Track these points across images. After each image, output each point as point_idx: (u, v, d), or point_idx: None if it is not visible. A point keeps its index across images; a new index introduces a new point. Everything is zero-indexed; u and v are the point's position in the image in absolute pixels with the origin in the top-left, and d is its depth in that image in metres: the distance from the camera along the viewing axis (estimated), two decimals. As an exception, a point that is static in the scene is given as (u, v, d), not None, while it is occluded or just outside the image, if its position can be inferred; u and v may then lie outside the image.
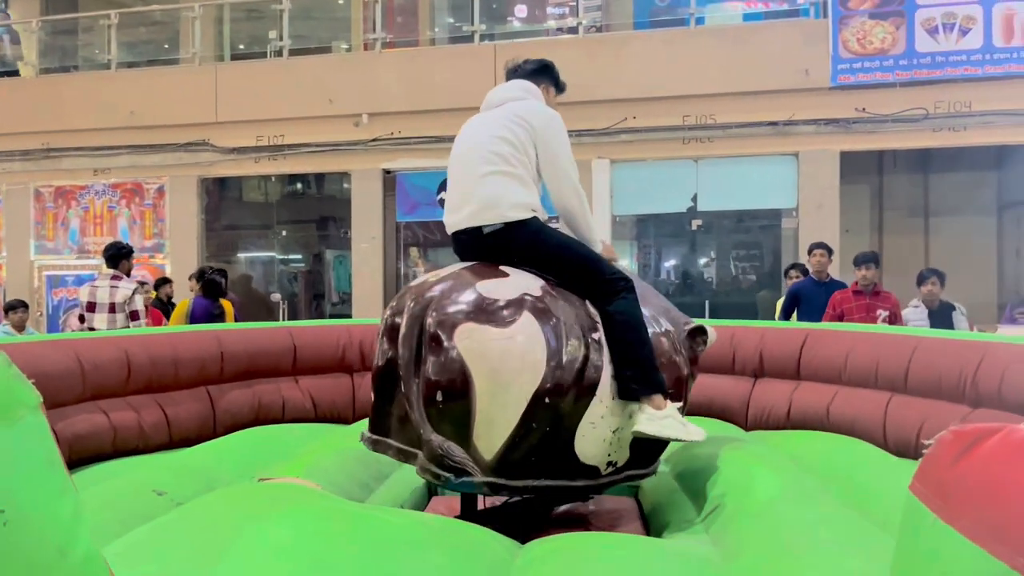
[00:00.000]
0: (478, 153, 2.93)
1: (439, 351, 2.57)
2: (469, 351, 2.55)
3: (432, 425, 2.57)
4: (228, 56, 11.65)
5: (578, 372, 2.64)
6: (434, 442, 2.55)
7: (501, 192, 2.84)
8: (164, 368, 3.90)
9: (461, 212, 2.93)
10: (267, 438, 3.91)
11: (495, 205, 2.84)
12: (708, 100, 9.01)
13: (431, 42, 11.29)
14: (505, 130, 2.91)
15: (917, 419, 3.71)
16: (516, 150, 2.88)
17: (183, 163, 10.75)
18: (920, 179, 10.76)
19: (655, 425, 2.69)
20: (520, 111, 2.95)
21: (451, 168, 3.05)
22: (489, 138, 2.92)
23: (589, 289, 2.85)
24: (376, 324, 5.00)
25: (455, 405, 2.55)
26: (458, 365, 2.54)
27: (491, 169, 2.88)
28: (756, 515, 2.54)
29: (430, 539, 2.04)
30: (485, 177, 2.88)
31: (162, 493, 2.74)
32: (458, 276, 2.76)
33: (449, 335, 2.57)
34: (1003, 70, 8.40)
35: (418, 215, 10.47)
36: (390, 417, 2.77)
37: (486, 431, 2.57)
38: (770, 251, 10.16)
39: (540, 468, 2.65)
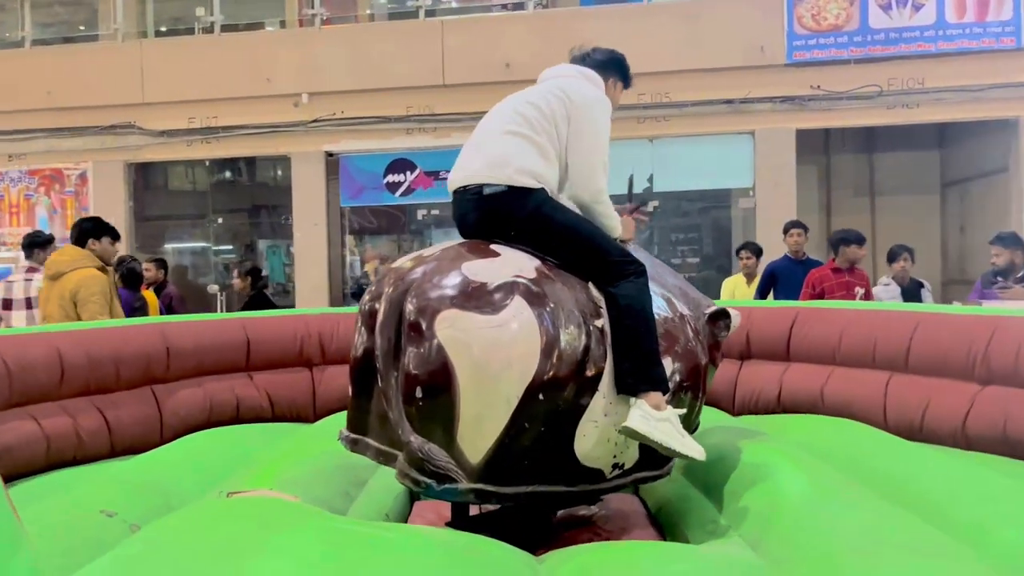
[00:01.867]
0: (501, 114, 2.64)
1: (419, 341, 2.26)
2: (452, 341, 2.24)
3: (412, 424, 2.27)
4: (152, 32, 10.94)
5: (578, 364, 2.35)
6: (414, 444, 2.25)
7: (513, 153, 2.54)
8: (103, 367, 3.46)
9: (466, 169, 2.62)
10: (223, 442, 3.52)
11: (503, 165, 2.53)
12: (663, 78, 8.80)
13: (370, 18, 10.82)
14: (538, 97, 2.62)
15: (921, 399, 3.55)
16: (544, 118, 2.58)
17: (107, 147, 10.05)
18: (866, 159, 10.82)
19: (647, 425, 2.38)
20: (564, 84, 2.65)
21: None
22: (519, 102, 2.62)
23: (593, 270, 2.56)
24: (335, 313, 4.68)
25: (437, 402, 2.24)
26: (440, 357, 2.23)
27: (510, 128, 2.58)
28: (794, 516, 2.29)
29: (451, 562, 1.73)
30: (502, 136, 2.58)
31: (112, 514, 2.35)
32: (442, 256, 2.44)
33: (430, 322, 2.25)
34: (956, 46, 8.42)
35: (364, 199, 10.02)
36: (369, 414, 2.46)
37: (472, 431, 2.26)
38: (725, 231, 10.07)
39: (534, 472, 2.36)
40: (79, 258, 4.54)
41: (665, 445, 2.41)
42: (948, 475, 2.64)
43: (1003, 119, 8.76)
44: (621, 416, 2.44)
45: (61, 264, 4.53)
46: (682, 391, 2.66)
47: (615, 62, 2.91)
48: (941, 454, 3.01)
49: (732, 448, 3.00)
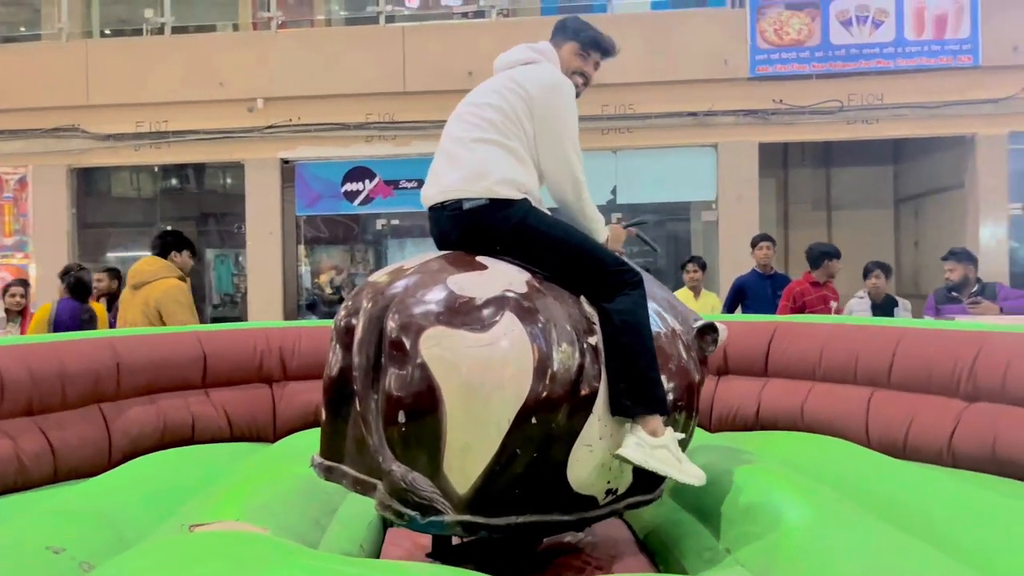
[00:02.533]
0: (466, 119, 2.46)
1: (401, 361, 2.09)
2: (438, 361, 2.07)
3: (393, 451, 2.08)
4: (97, 33, 10.54)
5: (572, 385, 2.20)
6: (396, 473, 2.06)
7: (491, 163, 2.38)
8: (47, 385, 3.20)
9: (441, 183, 2.45)
10: (178, 465, 3.27)
11: (482, 177, 2.36)
12: (627, 89, 8.76)
13: (327, 23, 10.59)
14: (497, 96, 2.45)
15: (905, 415, 3.48)
16: (508, 119, 2.41)
17: (50, 151, 9.62)
18: (823, 173, 10.95)
19: (642, 453, 2.25)
20: (518, 76, 2.49)
21: (442, 137, 2.57)
22: (480, 104, 2.46)
23: (587, 283, 2.41)
24: (297, 327, 4.45)
25: (421, 427, 2.07)
26: (425, 378, 2.06)
27: (481, 136, 2.41)
28: (801, 542, 2.17)
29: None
30: (475, 143, 2.41)
31: (59, 550, 2.11)
32: (426, 269, 2.27)
33: (414, 341, 2.08)
34: (914, 63, 8.55)
35: (321, 208, 9.76)
36: (344, 439, 2.26)
37: (459, 459, 2.09)
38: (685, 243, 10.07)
39: (526, 501, 2.20)
40: (161, 269, 4.71)
41: (662, 474, 2.28)
42: (948, 497, 2.55)
43: (959, 136, 8.92)
44: (616, 439, 2.29)
45: (145, 274, 4.69)
46: (676, 411, 2.53)
47: (562, 25, 2.73)
48: (936, 473, 2.94)
49: (722, 469, 2.87)
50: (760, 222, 8.78)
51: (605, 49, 2.74)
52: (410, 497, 2.06)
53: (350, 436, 2.24)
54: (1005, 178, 8.75)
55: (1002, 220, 8.76)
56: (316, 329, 4.37)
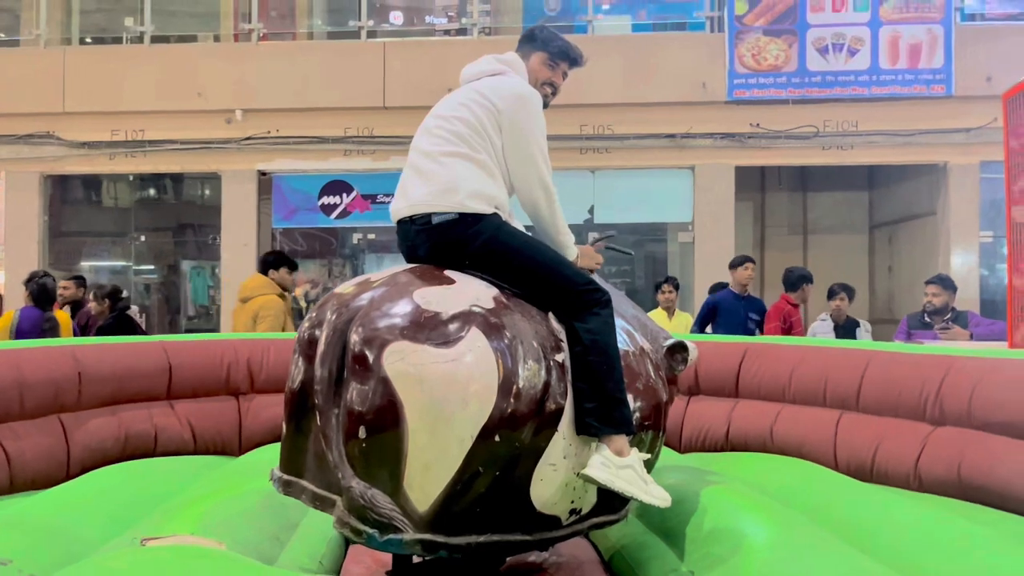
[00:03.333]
0: (435, 132, 2.45)
1: (364, 375, 2.06)
2: (401, 376, 2.04)
3: (353, 468, 2.05)
4: (76, 39, 10.45)
5: (537, 402, 2.17)
6: (355, 490, 2.03)
7: (462, 177, 2.36)
8: (5, 393, 3.13)
9: (409, 196, 2.44)
10: (137, 478, 3.20)
11: (452, 191, 2.35)
12: (606, 110, 8.82)
13: (308, 36, 10.58)
14: (464, 109, 2.45)
15: (872, 438, 3.49)
16: (476, 133, 2.41)
17: (23, 157, 9.49)
18: (799, 197, 11.06)
19: (608, 473, 2.23)
20: (485, 88, 2.48)
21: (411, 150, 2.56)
22: (447, 117, 2.45)
23: (556, 300, 2.39)
24: (265, 339, 4.40)
25: (382, 443, 2.03)
26: (387, 393, 2.03)
27: (451, 149, 2.40)
28: (762, 564, 2.16)
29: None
30: (444, 157, 2.39)
31: (6, 562, 2.05)
32: (392, 282, 2.24)
33: (377, 355, 2.05)
34: (888, 91, 8.67)
35: (296, 221, 9.69)
36: (305, 453, 2.22)
37: (421, 476, 2.05)
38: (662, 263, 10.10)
39: (487, 520, 2.16)
40: (262, 285, 5.45)
41: (627, 494, 2.26)
42: (912, 521, 2.55)
43: (932, 164, 9.05)
44: (582, 458, 2.27)
45: (249, 289, 5.49)
46: (643, 430, 2.51)
47: (529, 35, 2.72)
48: (900, 497, 2.93)
49: (689, 491, 2.86)
50: (736, 244, 8.84)
51: (574, 59, 2.75)
52: (369, 514, 2.03)
53: (311, 451, 2.20)
54: (976, 206, 8.88)
55: (973, 247, 8.87)
56: (285, 342, 4.32)
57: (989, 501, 2.93)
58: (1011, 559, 2.14)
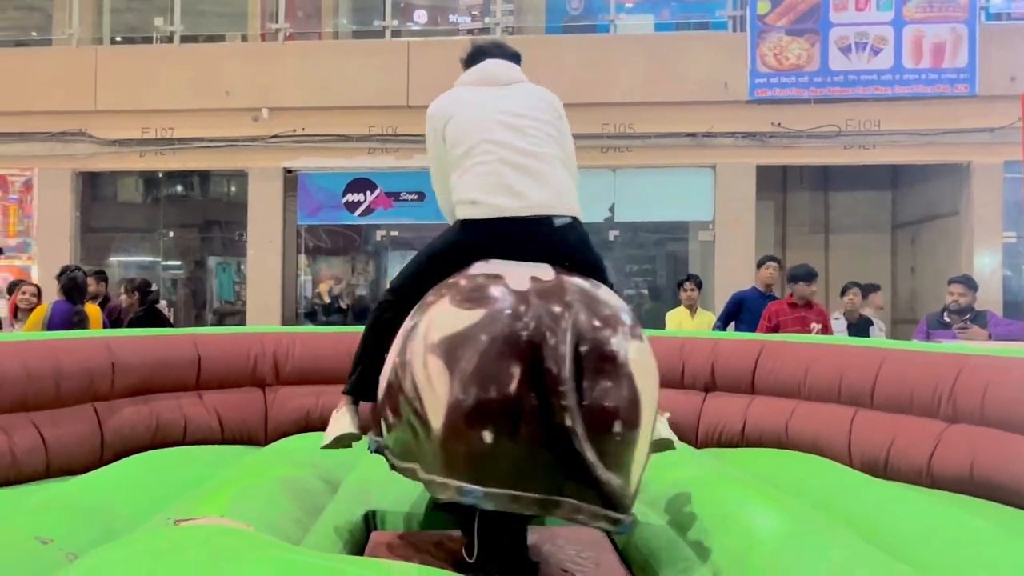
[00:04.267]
0: (528, 132, 2.45)
1: (613, 373, 2.10)
2: (640, 372, 2.14)
3: (605, 462, 2.04)
4: (107, 39, 10.66)
5: None
6: (612, 483, 2.03)
7: (567, 182, 2.46)
8: (42, 382, 3.25)
9: (526, 196, 2.39)
10: (169, 464, 3.32)
11: (565, 195, 2.43)
12: (627, 109, 8.86)
13: (334, 35, 10.71)
14: (546, 108, 2.54)
15: (886, 436, 3.52)
16: (558, 136, 2.51)
17: (55, 154, 9.71)
18: (821, 196, 11.02)
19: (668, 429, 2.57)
20: (544, 95, 2.58)
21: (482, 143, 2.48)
22: (537, 116, 2.50)
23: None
24: (291, 332, 4.51)
25: (630, 436, 2.10)
26: (632, 388, 2.11)
27: (554, 151, 2.46)
28: (771, 555, 2.22)
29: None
30: (553, 160, 2.44)
31: (47, 541, 2.16)
32: (570, 283, 2.27)
33: (623, 354, 2.13)
34: (911, 90, 8.64)
35: (322, 218, 9.84)
36: (514, 461, 2.11)
37: (640, 460, 2.15)
38: (683, 263, 10.12)
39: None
40: None
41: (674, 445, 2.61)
42: (922, 515, 2.60)
43: (955, 163, 9.00)
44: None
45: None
46: None
47: (520, 59, 2.82)
48: (912, 493, 2.97)
49: (702, 483, 2.93)
50: (757, 243, 8.85)
51: None
52: (621, 502, 2.05)
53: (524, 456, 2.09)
54: (1000, 206, 8.82)
55: (996, 248, 8.81)
56: (310, 335, 4.43)
57: (1001, 498, 2.97)
58: (1020, 555, 2.18)
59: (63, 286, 5.63)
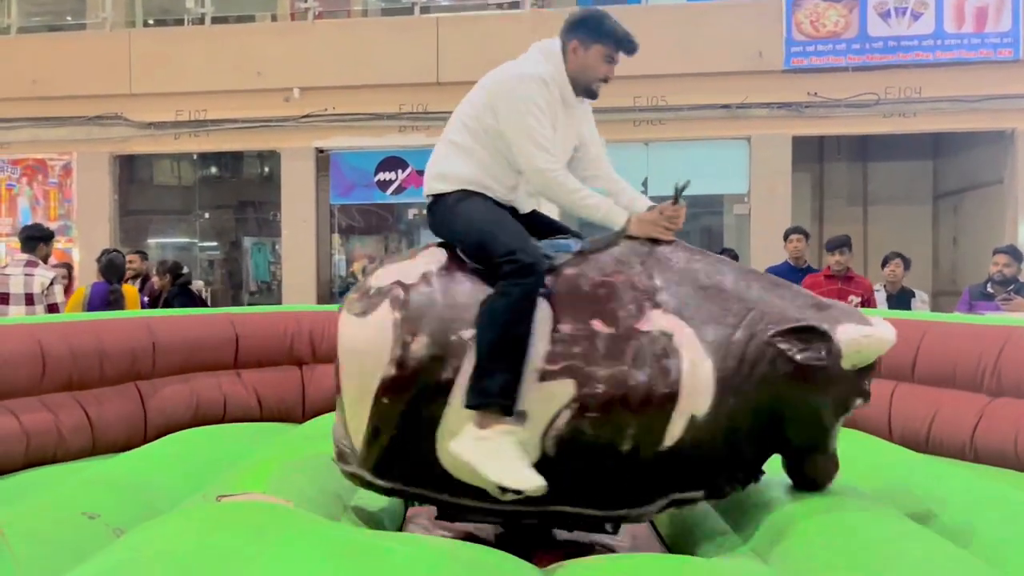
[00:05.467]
0: (453, 117, 2.66)
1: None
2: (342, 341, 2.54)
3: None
4: (140, 22, 10.75)
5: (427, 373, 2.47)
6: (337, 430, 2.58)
7: (434, 161, 2.62)
8: (86, 361, 3.33)
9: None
10: (209, 442, 3.39)
11: (430, 177, 2.63)
12: (659, 81, 8.73)
13: (363, 13, 10.68)
14: (473, 93, 2.60)
15: (927, 410, 3.48)
16: (470, 119, 2.55)
17: (93, 138, 9.84)
18: (859, 167, 10.80)
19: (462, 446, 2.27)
20: (493, 73, 2.58)
21: None
22: (463, 103, 2.63)
23: (491, 272, 2.37)
24: (327, 311, 4.54)
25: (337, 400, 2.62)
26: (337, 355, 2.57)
27: (446, 136, 2.62)
28: (808, 529, 2.20)
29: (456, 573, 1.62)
30: (442, 145, 2.64)
31: (94, 516, 2.22)
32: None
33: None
34: (953, 56, 8.40)
35: (354, 198, 9.88)
36: None
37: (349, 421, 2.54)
38: (718, 236, 10.00)
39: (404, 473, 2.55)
40: None
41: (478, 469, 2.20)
42: (965, 490, 2.56)
43: (999, 130, 8.75)
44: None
45: None
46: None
47: (578, 22, 2.56)
48: (954, 468, 2.93)
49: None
50: (793, 216, 8.70)
51: (631, 49, 2.64)
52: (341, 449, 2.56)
53: None
54: (1045, 174, 8.58)
55: (1043, 217, 8.59)
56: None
57: (1047, 472, 2.92)
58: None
59: (101, 267, 5.78)
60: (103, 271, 5.76)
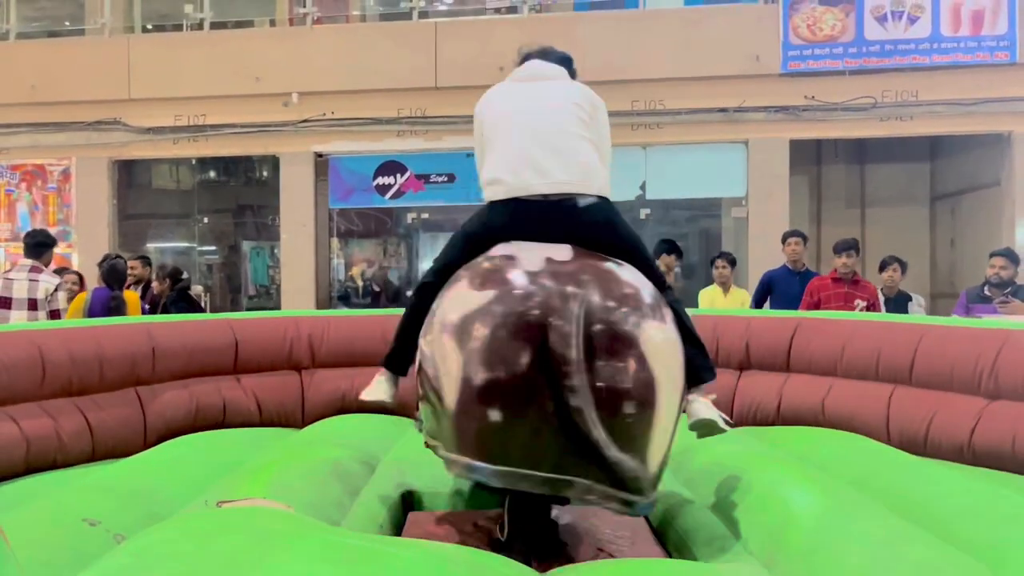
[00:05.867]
0: (564, 115, 2.47)
1: (624, 355, 2.12)
2: (654, 353, 2.16)
3: (617, 443, 2.08)
4: (139, 27, 10.77)
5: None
6: (624, 463, 2.07)
7: (595, 163, 2.46)
8: (86, 367, 3.33)
9: (552, 174, 2.40)
10: (210, 447, 3.39)
11: (593, 173, 2.44)
12: (657, 85, 8.76)
13: (361, 18, 10.71)
14: (580, 97, 2.53)
15: (925, 413, 3.49)
16: (590, 121, 2.51)
17: (92, 143, 9.86)
18: (857, 170, 10.82)
19: (714, 411, 2.57)
20: (580, 88, 2.60)
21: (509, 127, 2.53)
22: (568, 102, 2.50)
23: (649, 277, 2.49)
24: (326, 316, 4.56)
25: (645, 417, 2.12)
26: (647, 370, 2.13)
27: (583, 133, 2.46)
28: (807, 532, 2.21)
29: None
30: (580, 141, 2.44)
31: (95, 522, 2.22)
32: (586, 264, 2.29)
33: (634, 335, 2.14)
34: (950, 59, 8.42)
35: (353, 201, 9.89)
36: (523, 440, 2.14)
37: (659, 442, 2.17)
38: (716, 239, 10.02)
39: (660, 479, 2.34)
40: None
41: (725, 427, 2.57)
42: (960, 492, 2.57)
43: (995, 133, 8.78)
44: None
45: None
46: None
47: (569, 62, 2.77)
48: (952, 471, 2.94)
49: (737, 461, 2.92)
50: (792, 219, 8.72)
51: None
52: (636, 484, 2.09)
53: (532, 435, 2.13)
54: (1042, 176, 8.61)
55: (1039, 219, 8.61)
56: (344, 319, 4.48)
57: (1045, 475, 2.93)
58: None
59: (103, 273, 5.78)
60: (104, 277, 5.77)
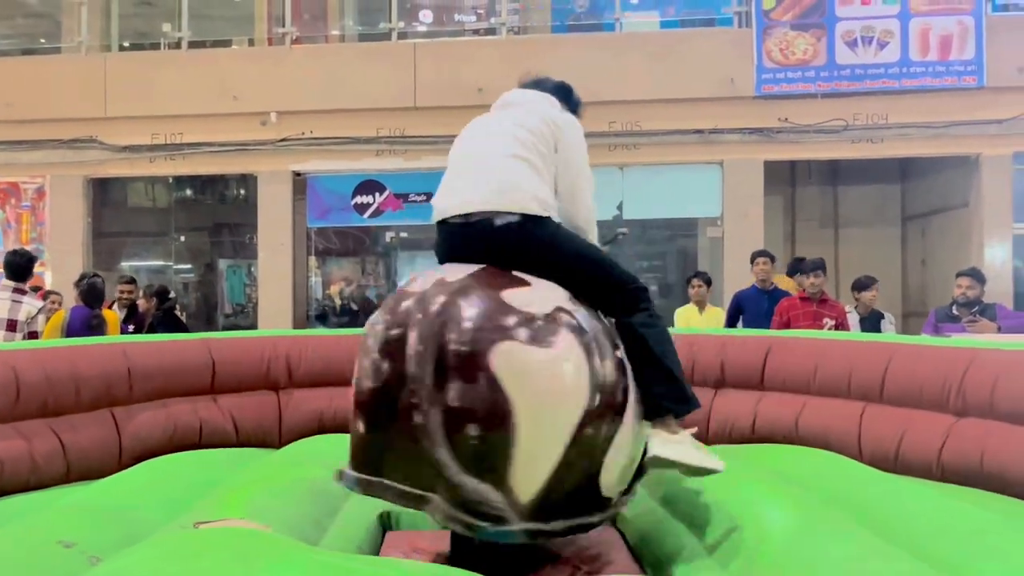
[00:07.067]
0: (498, 138, 2.49)
1: (472, 375, 2.11)
2: (512, 376, 2.11)
3: (461, 464, 2.11)
4: (116, 45, 10.75)
5: (611, 395, 2.29)
6: (467, 486, 2.09)
7: (522, 179, 2.39)
8: (61, 387, 3.30)
9: (464, 194, 2.44)
10: (187, 467, 3.37)
11: (513, 190, 2.37)
12: (634, 106, 8.88)
13: (340, 38, 10.77)
14: (532, 118, 2.51)
15: (896, 430, 3.54)
16: (539, 141, 2.46)
17: (67, 161, 9.80)
18: (830, 191, 11.01)
19: (674, 450, 2.38)
20: (544, 109, 2.58)
21: (455, 155, 2.60)
22: (512, 125, 2.50)
23: (609, 300, 2.47)
24: (303, 336, 4.55)
25: (492, 440, 2.09)
26: (498, 392, 2.10)
27: (513, 152, 2.43)
28: (780, 548, 2.24)
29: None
30: (505, 159, 2.42)
31: (70, 544, 2.21)
32: (475, 283, 2.28)
33: (485, 356, 2.12)
34: (919, 83, 8.62)
35: (331, 220, 9.90)
36: (383, 452, 2.24)
37: (526, 470, 2.13)
38: (692, 259, 10.13)
39: (571, 506, 2.26)
40: None
41: (695, 466, 2.44)
42: (930, 508, 2.62)
43: (964, 155, 8.98)
44: (633, 444, 2.40)
45: None
46: None
47: (566, 90, 2.80)
48: (921, 487, 3.00)
49: (713, 479, 2.95)
50: (766, 239, 8.85)
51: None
52: (482, 508, 2.10)
53: (394, 449, 2.21)
54: (1009, 198, 8.80)
55: (1007, 240, 8.80)
56: (322, 338, 4.47)
57: (1012, 491, 2.98)
58: (1025, 545, 2.20)
59: (82, 291, 5.72)
60: (83, 296, 5.69)
